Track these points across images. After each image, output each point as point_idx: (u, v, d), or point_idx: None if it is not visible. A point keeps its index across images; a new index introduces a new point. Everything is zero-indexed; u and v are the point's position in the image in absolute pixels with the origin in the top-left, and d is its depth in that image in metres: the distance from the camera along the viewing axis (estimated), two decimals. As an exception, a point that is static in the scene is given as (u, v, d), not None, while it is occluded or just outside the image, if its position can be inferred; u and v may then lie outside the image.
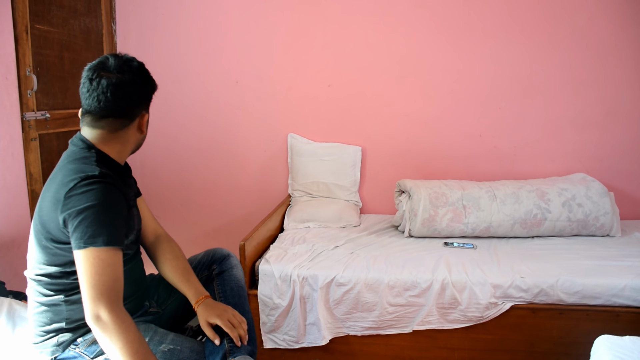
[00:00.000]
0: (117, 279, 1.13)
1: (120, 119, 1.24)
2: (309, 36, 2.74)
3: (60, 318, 1.24)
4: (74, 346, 1.25)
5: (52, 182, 1.19)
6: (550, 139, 2.66)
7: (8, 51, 2.00)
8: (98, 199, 1.11)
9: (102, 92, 1.19)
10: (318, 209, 2.59)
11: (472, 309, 1.89)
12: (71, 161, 1.20)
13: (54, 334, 1.25)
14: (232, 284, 1.49)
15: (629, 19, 2.50)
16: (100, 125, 1.23)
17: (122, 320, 1.10)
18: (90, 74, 1.21)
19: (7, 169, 2.02)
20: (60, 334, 1.25)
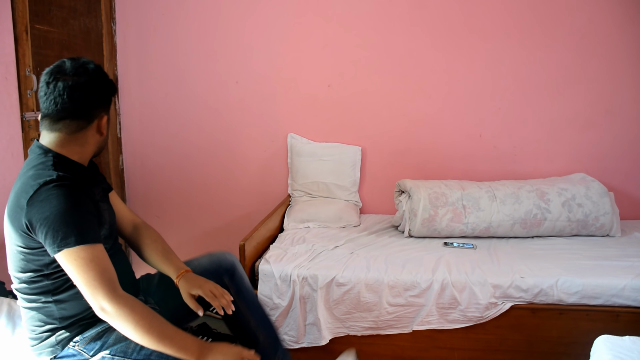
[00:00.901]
0: (106, 270, 1.16)
1: (77, 120, 1.24)
2: (309, 36, 2.74)
3: (52, 318, 1.25)
4: (73, 344, 1.26)
5: (13, 192, 1.20)
6: (550, 139, 2.66)
7: (8, 51, 2.00)
8: (60, 202, 1.13)
9: (59, 95, 1.19)
10: (318, 209, 2.59)
11: (472, 309, 1.89)
12: (29, 168, 1.20)
13: (49, 334, 1.26)
14: (249, 298, 1.57)
15: (629, 19, 2.50)
16: (58, 128, 1.23)
17: (124, 304, 1.14)
18: (47, 78, 1.21)
19: (7, 169, 2.02)
20: (56, 332, 1.26)
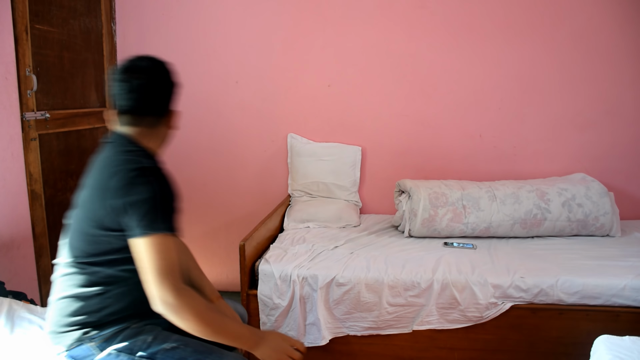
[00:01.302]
0: (177, 261, 1.18)
1: (156, 116, 1.30)
2: (309, 36, 2.74)
3: (90, 310, 1.23)
4: (89, 340, 1.24)
5: (101, 172, 1.23)
6: (550, 139, 2.66)
7: (8, 51, 2.00)
8: (155, 189, 1.17)
9: (139, 93, 1.24)
10: (318, 209, 2.59)
11: (472, 309, 1.89)
12: (121, 152, 1.23)
13: (78, 327, 1.23)
14: None
15: (629, 19, 2.50)
16: (139, 123, 1.28)
17: (188, 297, 1.15)
18: (124, 76, 1.25)
19: (7, 169, 2.02)
20: (84, 327, 1.23)
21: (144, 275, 1.15)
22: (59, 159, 2.38)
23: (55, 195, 2.35)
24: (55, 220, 2.35)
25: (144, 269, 1.15)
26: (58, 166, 2.37)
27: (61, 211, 2.40)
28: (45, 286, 2.27)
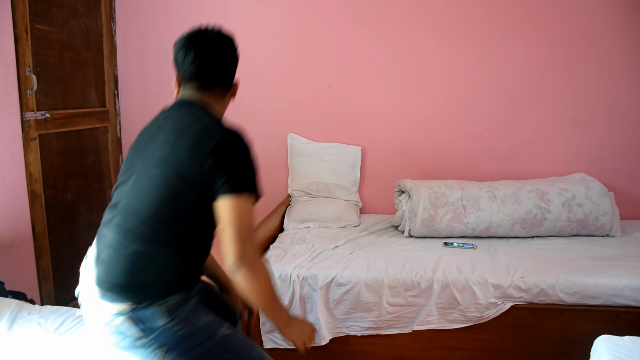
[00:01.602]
0: (254, 225, 1.22)
1: (225, 85, 1.34)
2: (309, 36, 2.74)
3: (162, 271, 1.19)
4: (157, 304, 1.17)
5: (188, 127, 1.20)
6: (550, 139, 2.66)
7: (8, 51, 2.00)
8: (248, 152, 1.22)
9: (211, 60, 1.27)
10: (318, 209, 2.59)
11: (472, 309, 1.89)
12: (206, 115, 1.24)
13: (149, 287, 1.17)
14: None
15: (628, 19, 2.50)
16: (208, 92, 1.30)
17: (260, 261, 1.19)
18: (193, 43, 1.26)
19: (7, 169, 2.02)
20: (156, 289, 1.18)
21: (226, 232, 1.15)
22: (59, 159, 2.38)
23: (55, 195, 2.35)
24: (55, 220, 2.35)
25: (227, 225, 1.15)
26: (58, 166, 2.37)
27: (61, 211, 2.40)
28: (45, 286, 2.27)
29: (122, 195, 1.22)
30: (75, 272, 2.65)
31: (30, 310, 1.55)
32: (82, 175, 2.56)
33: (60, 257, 2.39)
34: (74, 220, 2.50)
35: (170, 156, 1.18)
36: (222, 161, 1.16)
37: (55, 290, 2.34)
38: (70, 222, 2.47)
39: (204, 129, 1.20)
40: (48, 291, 2.29)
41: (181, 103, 1.29)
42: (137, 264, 1.17)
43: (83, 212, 2.57)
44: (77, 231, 2.52)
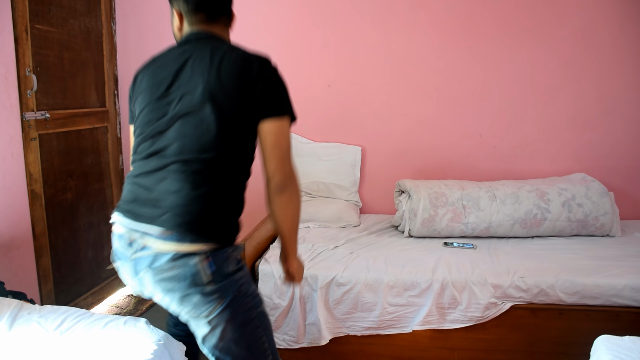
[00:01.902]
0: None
1: (227, 15, 1.34)
2: (309, 36, 2.74)
3: (228, 211, 1.21)
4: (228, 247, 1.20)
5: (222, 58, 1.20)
6: (550, 139, 2.66)
7: (8, 51, 2.00)
8: (282, 79, 1.25)
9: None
10: (318, 209, 2.59)
11: (472, 309, 1.89)
12: (230, 45, 1.26)
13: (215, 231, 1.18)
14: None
15: (628, 19, 2.50)
16: (215, 23, 1.30)
17: (298, 180, 1.28)
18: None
19: (7, 169, 2.02)
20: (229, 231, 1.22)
21: (274, 153, 1.21)
22: (59, 159, 2.38)
23: (55, 195, 2.35)
24: (55, 220, 2.35)
25: (276, 147, 1.21)
26: (58, 166, 2.37)
27: (61, 211, 2.40)
28: (45, 286, 2.27)
29: (168, 140, 1.19)
30: (76, 272, 2.66)
31: (30, 310, 1.55)
32: (82, 175, 2.56)
33: (60, 257, 2.39)
34: (74, 220, 2.50)
35: (216, 90, 1.17)
36: (266, 86, 1.19)
37: (55, 290, 2.34)
38: (70, 222, 2.47)
39: (239, 57, 1.20)
40: (48, 291, 2.29)
41: (196, 36, 1.27)
42: (212, 204, 1.17)
43: (83, 212, 2.57)
44: (77, 231, 2.52)
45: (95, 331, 1.42)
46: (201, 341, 1.23)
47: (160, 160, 1.19)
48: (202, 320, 1.19)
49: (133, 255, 1.20)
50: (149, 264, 1.17)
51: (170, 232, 1.14)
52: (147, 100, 1.25)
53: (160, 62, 1.29)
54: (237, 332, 1.21)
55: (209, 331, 1.20)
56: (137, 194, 1.21)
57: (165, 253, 1.15)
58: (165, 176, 1.18)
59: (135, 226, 1.18)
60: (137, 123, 1.28)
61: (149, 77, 1.27)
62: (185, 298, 1.17)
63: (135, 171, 1.24)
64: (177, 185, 1.16)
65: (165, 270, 1.15)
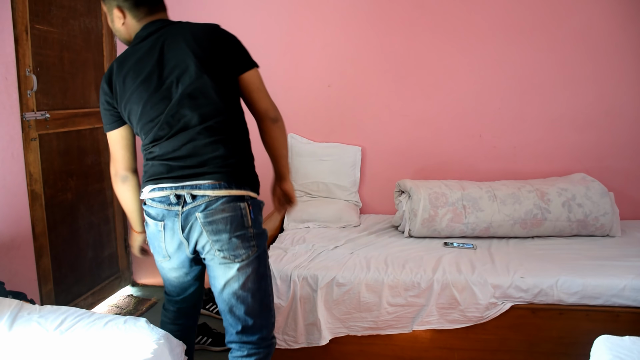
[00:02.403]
0: None
1: (164, 3, 1.50)
2: (309, 36, 2.74)
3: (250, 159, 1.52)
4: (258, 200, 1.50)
5: (193, 34, 1.37)
6: (550, 139, 2.66)
7: (8, 51, 2.00)
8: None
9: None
10: (318, 209, 2.59)
11: (472, 309, 1.89)
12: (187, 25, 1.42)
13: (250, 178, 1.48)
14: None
15: (628, 19, 2.50)
16: (158, 10, 1.46)
17: None
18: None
19: (7, 169, 2.02)
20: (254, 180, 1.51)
21: (263, 94, 1.44)
22: (59, 159, 2.38)
23: (55, 195, 2.35)
24: (55, 220, 2.35)
25: (261, 89, 1.44)
26: (58, 166, 2.37)
27: (61, 211, 2.40)
28: (45, 286, 2.27)
29: (186, 117, 1.36)
30: (76, 272, 2.66)
31: (30, 310, 1.55)
32: (82, 175, 2.56)
33: (60, 257, 2.39)
34: (74, 220, 2.50)
35: (204, 60, 1.35)
36: (234, 47, 1.40)
37: (55, 290, 2.34)
38: (70, 222, 2.47)
39: (203, 29, 1.39)
40: (48, 291, 2.29)
41: (155, 26, 1.41)
42: (240, 156, 1.44)
43: (83, 212, 2.57)
44: (77, 231, 2.52)
45: (95, 331, 1.42)
46: (222, 287, 1.42)
47: (186, 134, 1.36)
48: (234, 265, 1.39)
49: (183, 208, 1.37)
50: (203, 208, 1.36)
51: (218, 181, 1.36)
52: (144, 96, 1.37)
53: (132, 60, 1.39)
54: (255, 284, 1.43)
55: (234, 276, 1.40)
56: (172, 166, 1.38)
57: (218, 198, 1.36)
58: (196, 143, 1.36)
59: (182, 184, 1.36)
60: (141, 118, 1.39)
61: (131, 77, 1.38)
62: (230, 241, 1.37)
63: (161, 150, 1.39)
64: (211, 147, 1.37)
65: (218, 212, 1.35)
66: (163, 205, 1.40)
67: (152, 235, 1.48)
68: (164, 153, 1.38)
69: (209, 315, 2.65)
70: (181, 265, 1.50)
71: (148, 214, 1.46)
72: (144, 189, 1.44)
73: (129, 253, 3.00)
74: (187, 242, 1.41)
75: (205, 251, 1.40)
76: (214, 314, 2.64)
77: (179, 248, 1.44)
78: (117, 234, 2.88)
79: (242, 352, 1.46)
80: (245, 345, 1.46)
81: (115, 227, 2.87)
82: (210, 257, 1.41)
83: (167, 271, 1.55)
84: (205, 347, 2.31)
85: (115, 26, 1.47)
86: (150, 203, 1.43)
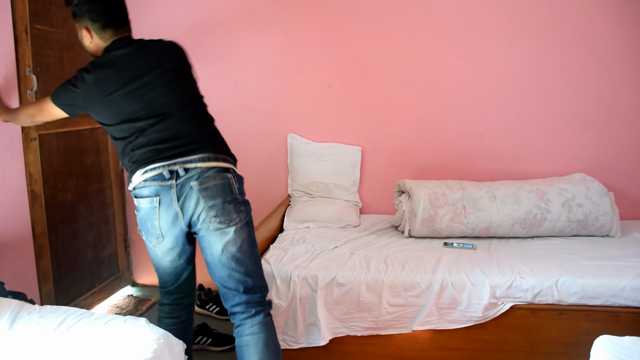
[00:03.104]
0: None
1: (128, 22, 1.68)
2: (309, 36, 2.74)
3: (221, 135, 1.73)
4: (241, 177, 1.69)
5: (161, 45, 1.62)
6: (550, 139, 2.66)
7: (8, 51, 2.00)
8: None
9: (116, 6, 1.62)
10: (318, 209, 2.59)
11: (472, 309, 1.89)
12: (153, 41, 1.64)
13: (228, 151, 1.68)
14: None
15: (628, 19, 2.50)
16: (125, 30, 1.64)
17: None
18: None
19: (6, 169, 2.02)
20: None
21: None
22: (59, 159, 2.38)
23: (55, 195, 2.35)
24: (55, 220, 2.35)
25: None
26: (58, 166, 2.37)
27: (61, 211, 2.40)
28: (45, 286, 2.27)
29: (172, 104, 1.56)
30: (75, 272, 2.66)
31: (30, 310, 1.55)
32: (82, 175, 2.56)
33: (60, 257, 2.39)
34: (74, 220, 2.50)
35: (173, 64, 1.60)
36: (185, 56, 1.66)
37: (55, 291, 2.34)
38: (70, 223, 2.47)
39: (165, 42, 1.64)
40: (48, 291, 2.29)
41: (124, 42, 1.60)
42: (218, 133, 1.67)
43: (83, 213, 2.57)
44: (77, 231, 2.52)
45: (95, 330, 1.42)
46: (220, 252, 1.54)
47: (173, 119, 1.55)
48: (230, 229, 1.54)
49: (177, 181, 1.51)
50: (197, 177, 1.52)
51: (207, 154, 1.55)
52: (126, 99, 1.54)
53: (116, 65, 1.56)
54: (250, 247, 1.58)
55: (231, 239, 1.54)
56: (161, 148, 1.52)
57: (210, 168, 1.54)
58: (183, 126, 1.56)
59: (174, 161, 1.52)
60: (124, 110, 1.54)
61: (117, 78, 1.54)
62: (224, 205, 1.53)
63: (149, 137, 1.53)
64: (196, 127, 1.59)
65: (211, 179, 1.53)
66: (157, 182, 1.52)
67: (146, 215, 1.56)
68: (152, 138, 1.54)
69: (209, 315, 2.65)
70: (174, 244, 1.58)
71: (141, 196, 1.55)
72: (134, 175, 1.55)
73: (129, 253, 3.00)
74: (182, 213, 1.52)
75: (201, 220, 1.52)
76: (214, 314, 2.64)
77: (174, 222, 1.54)
78: (116, 234, 2.88)
79: (250, 312, 1.59)
80: (251, 305, 1.59)
81: (115, 227, 2.87)
82: (206, 226, 1.52)
83: (160, 257, 1.62)
84: (205, 347, 2.31)
85: (84, 43, 1.65)
86: (143, 184, 1.53)
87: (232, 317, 1.62)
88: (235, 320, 1.61)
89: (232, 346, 2.30)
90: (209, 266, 1.59)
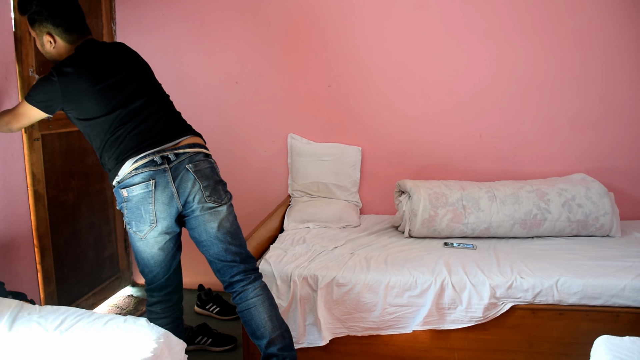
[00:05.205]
0: None
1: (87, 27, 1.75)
2: (309, 36, 2.74)
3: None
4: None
5: (126, 48, 1.77)
6: (550, 139, 2.66)
7: (8, 51, 2.01)
8: None
9: (73, 10, 1.67)
10: (318, 209, 2.59)
11: (472, 309, 1.89)
12: (122, 45, 1.79)
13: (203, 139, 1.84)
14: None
15: (628, 19, 2.50)
16: (88, 32, 1.72)
17: None
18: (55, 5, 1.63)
19: (7, 169, 2.03)
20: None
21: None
22: (61, 159, 2.38)
23: (57, 195, 2.35)
24: (57, 220, 2.35)
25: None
26: (60, 166, 2.37)
27: (63, 211, 2.40)
28: (47, 287, 2.27)
29: (146, 98, 1.68)
30: (77, 272, 2.66)
31: (30, 310, 1.55)
32: (83, 175, 2.57)
33: (62, 257, 2.39)
34: (76, 220, 2.50)
35: (142, 63, 1.77)
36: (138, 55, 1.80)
37: (58, 291, 2.35)
38: (71, 223, 2.47)
39: (128, 47, 1.78)
40: (51, 292, 2.29)
41: (90, 44, 1.68)
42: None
43: (84, 213, 2.58)
44: (78, 231, 2.52)
45: (95, 330, 1.42)
46: (216, 229, 1.68)
47: (152, 109, 1.68)
48: (222, 207, 1.70)
49: (171, 164, 1.62)
50: (189, 161, 1.65)
51: (192, 141, 1.71)
52: (112, 83, 1.63)
53: (95, 59, 1.64)
54: (237, 222, 1.78)
55: (225, 215, 1.70)
56: (145, 137, 1.63)
57: (197, 153, 1.69)
58: (159, 116, 1.69)
59: (164, 147, 1.64)
60: (102, 105, 1.62)
61: (98, 70, 1.62)
62: (215, 186, 1.69)
63: (129, 127, 1.63)
64: (174, 117, 1.75)
65: (201, 162, 1.68)
66: (149, 168, 1.60)
67: (139, 202, 1.61)
68: (134, 128, 1.63)
69: (209, 315, 2.65)
70: (167, 228, 1.65)
71: (132, 184, 1.60)
72: (123, 165, 1.62)
73: (129, 253, 3.00)
74: (177, 194, 1.62)
75: (197, 200, 1.64)
76: (214, 314, 2.65)
77: (170, 203, 1.62)
78: (117, 234, 2.89)
79: (249, 278, 1.74)
80: (249, 272, 1.75)
81: (116, 227, 2.88)
82: (201, 206, 1.65)
83: (151, 246, 1.66)
84: (205, 347, 2.31)
85: (45, 49, 1.68)
86: (135, 172, 1.60)
87: (232, 287, 1.74)
88: (235, 288, 1.74)
89: (232, 346, 2.30)
90: (203, 244, 1.70)
